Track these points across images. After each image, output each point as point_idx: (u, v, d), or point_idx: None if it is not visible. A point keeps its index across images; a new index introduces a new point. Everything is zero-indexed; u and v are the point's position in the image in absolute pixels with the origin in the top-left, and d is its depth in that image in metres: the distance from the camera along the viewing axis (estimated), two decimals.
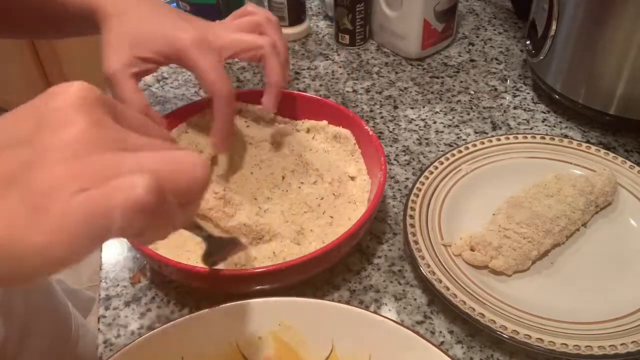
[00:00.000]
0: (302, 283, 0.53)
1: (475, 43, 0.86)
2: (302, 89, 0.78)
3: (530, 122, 0.72)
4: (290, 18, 0.85)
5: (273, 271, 0.48)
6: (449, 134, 0.71)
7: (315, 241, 0.54)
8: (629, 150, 0.68)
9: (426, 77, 0.80)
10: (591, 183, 0.58)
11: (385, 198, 0.62)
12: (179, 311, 0.53)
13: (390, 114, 0.74)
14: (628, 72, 0.64)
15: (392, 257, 0.57)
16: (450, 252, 0.55)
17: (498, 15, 0.92)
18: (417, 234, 0.54)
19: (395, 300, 0.53)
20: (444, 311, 0.52)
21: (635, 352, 0.46)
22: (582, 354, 0.46)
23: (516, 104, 0.75)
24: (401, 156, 0.68)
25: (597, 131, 0.70)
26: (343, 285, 0.54)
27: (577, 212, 0.56)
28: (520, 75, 0.80)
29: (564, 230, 0.55)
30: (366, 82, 0.79)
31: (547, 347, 0.46)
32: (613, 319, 0.49)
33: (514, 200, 0.57)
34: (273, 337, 0.44)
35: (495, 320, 0.48)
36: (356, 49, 0.85)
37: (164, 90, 0.79)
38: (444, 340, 0.50)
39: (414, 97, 0.76)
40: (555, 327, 0.48)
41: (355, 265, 0.56)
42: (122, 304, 0.53)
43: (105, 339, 0.51)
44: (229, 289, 0.51)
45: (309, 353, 0.43)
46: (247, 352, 0.43)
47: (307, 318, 0.43)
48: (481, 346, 0.49)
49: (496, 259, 0.53)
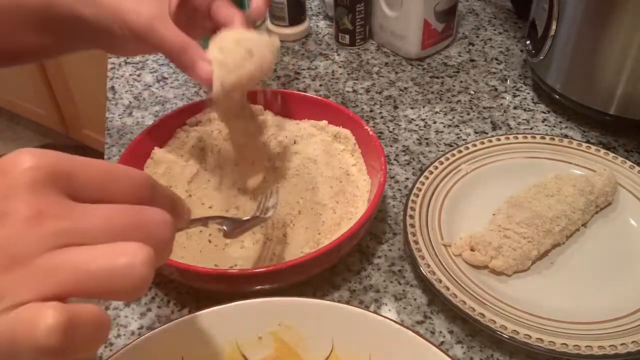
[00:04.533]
0: (302, 283, 0.53)
1: (475, 43, 0.86)
2: (302, 89, 0.78)
3: (530, 122, 0.72)
4: (290, 18, 0.85)
5: (273, 271, 0.48)
6: (449, 134, 0.71)
7: (314, 241, 0.54)
8: (629, 150, 0.68)
9: (426, 77, 0.80)
10: (591, 183, 0.58)
11: (385, 198, 0.62)
12: (179, 311, 0.53)
13: (390, 114, 0.74)
14: (628, 72, 0.64)
15: (392, 257, 0.57)
16: (450, 252, 0.55)
17: (498, 15, 0.92)
18: (417, 234, 0.55)
19: (395, 300, 0.53)
20: (444, 311, 0.52)
21: (635, 352, 0.46)
22: (582, 354, 0.46)
23: (516, 104, 0.75)
24: (401, 156, 0.68)
25: (597, 131, 0.70)
26: (343, 285, 0.54)
27: (577, 212, 0.56)
28: (520, 75, 0.80)
29: (564, 230, 0.55)
30: (366, 82, 0.79)
31: (547, 347, 0.46)
32: (613, 319, 0.49)
33: (514, 200, 0.57)
34: (273, 337, 0.44)
35: (495, 320, 0.48)
36: (356, 49, 0.85)
37: (164, 90, 0.79)
38: (444, 340, 0.50)
39: (414, 97, 0.76)
40: (555, 327, 0.48)
41: (355, 265, 0.56)
42: (122, 304, 0.53)
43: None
44: (229, 289, 0.51)
45: (309, 353, 0.43)
46: (247, 352, 0.43)
47: (307, 318, 0.43)
48: (481, 346, 0.49)
49: (496, 259, 0.53)
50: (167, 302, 0.53)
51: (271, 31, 0.86)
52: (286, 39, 0.87)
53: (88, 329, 0.26)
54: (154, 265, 0.27)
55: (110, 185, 0.29)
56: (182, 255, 0.53)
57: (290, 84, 0.79)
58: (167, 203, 0.32)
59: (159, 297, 0.54)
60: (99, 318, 0.26)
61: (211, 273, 0.49)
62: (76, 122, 1.99)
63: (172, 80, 0.80)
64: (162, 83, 0.80)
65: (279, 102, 0.66)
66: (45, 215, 0.26)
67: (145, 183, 0.30)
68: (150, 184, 0.30)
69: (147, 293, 0.54)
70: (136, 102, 0.77)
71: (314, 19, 0.92)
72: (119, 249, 0.27)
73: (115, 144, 0.70)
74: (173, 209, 0.32)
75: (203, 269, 0.49)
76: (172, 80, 0.80)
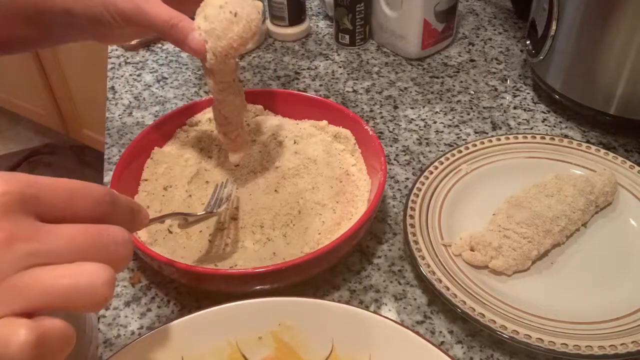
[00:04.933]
0: (302, 283, 0.53)
1: (475, 43, 0.86)
2: (302, 89, 0.78)
3: (530, 122, 0.72)
4: (290, 18, 0.85)
5: (273, 271, 0.48)
6: (449, 134, 0.71)
7: (314, 241, 0.54)
8: (629, 150, 0.68)
9: (426, 77, 0.80)
10: (591, 183, 0.58)
11: (385, 198, 0.62)
12: (179, 311, 0.53)
13: (390, 114, 0.74)
14: (628, 72, 0.64)
15: (392, 257, 0.57)
16: (450, 252, 0.55)
17: (498, 15, 0.92)
18: (417, 234, 0.55)
19: (395, 300, 0.53)
20: (444, 311, 0.52)
21: (635, 352, 0.46)
22: (582, 354, 0.46)
23: (516, 104, 0.75)
24: (401, 156, 0.68)
25: (597, 131, 0.70)
26: (343, 285, 0.54)
27: (577, 212, 0.56)
28: (520, 75, 0.80)
29: (564, 230, 0.55)
30: (366, 82, 0.79)
31: (547, 347, 0.46)
32: (613, 319, 0.49)
33: (514, 200, 0.57)
34: (273, 337, 0.44)
35: (495, 320, 0.48)
36: (356, 49, 0.85)
37: (164, 90, 0.79)
38: (444, 340, 0.50)
39: (414, 97, 0.76)
40: (555, 327, 0.48)
41: (355, 265, 0.56)
42: (122, 304, 0.53)
43: (105, 339, 0.51)
44: (229, 289, 0.51)
45: (309, 353, 0.43)
46: (247, 352, 0.43)
47: (307, 318, 0.43)
48: (481, 346, 0.49)
49: (496, 259, 0.53)
50: (167, 302, 0.53)
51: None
52: (286, 39, 0.87)
53: (56, 342, 0.28)
54: (114, 284, 0.30)
55: (74, 203, 0.31)
56: (182, 255, 0.53)
57: (290, 84, 0.79)
58: (127, 213, 0.35)
59: (159, 297, 0.54)
60: (65, 332, 0.29)
61: (211, 273, 0.49)
62: (76, 122, 1.99)
63: (172, 80, 0.80)
64: (162, 83, 0.80)
65: (279, 102, 0.66)
66: (15, 238, 0.28)
67: (105, 198, 0.32)
68: (110, 199, 0.33)
69: (147, 293, 0.54)
70: (136, 102, 0.77)
71: (314, 19, 0.92)
72: (83, 270, 0.29)
73: (115, 144, 0.70)
74: (132, 218, 0.36)
75: (203, 269, 0.49)
76: (172, 80, 0.80)
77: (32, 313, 0.28)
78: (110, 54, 0.86)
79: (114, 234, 0.32)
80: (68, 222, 0.31)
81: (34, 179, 0.30)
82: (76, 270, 0.29)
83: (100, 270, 0.30)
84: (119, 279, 0.55)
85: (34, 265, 0.29)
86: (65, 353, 0.29)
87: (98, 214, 0.32)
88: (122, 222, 0.34)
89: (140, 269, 0.56)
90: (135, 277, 0.55)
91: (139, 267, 0.56)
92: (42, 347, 0.28)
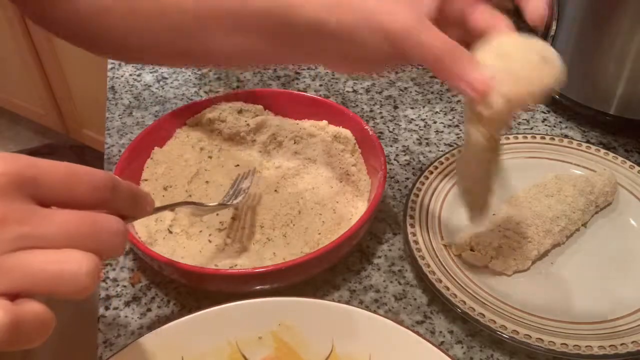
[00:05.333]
0: (302, 283, 0.53)
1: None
2: (302, 89, 0.78)
3: (530, 122, 0.72)
4: None
5: (273, 271, 0.48)
6: (449, 134, 0.71)
7: (314, 241, 0.54)
8: (629, 150, 0.68)
9: (426, 77, 0.80)
10: (591, 183, 0.58)
11: (385, 198, 0.62)
12: (179, 311, 0.53)
13: (390, 114, 0.74)
14: (628, 72, 0.64)
15: (392, 257, 0.57)
16: (450, 252, 0.55)
17: None
18: (417, 234, 0.55)
19: (395, 300, 0.53)
20: (444, 311, 0.52)
21: (635, 352, 0.46)
22: (582, 354, 0.46)
23: None
24: (401, 156, 0.68)
25: (597, 131, 0.70)
26: (343, 285, 0.54)
27: (577, 212, 0.56)
28: None
29: (564, 230, 0.55)
30: (366, 82, 0.79)
31: (547, 347, 0.46)
32: (613, 319, 0.49)
33: (514, 200, 0.57)
34: (273, 337, 0.44)
35: (495, 320, 0.48)
36: None
37: (164, 90, 0.79)
38: (444, 340, 0.50)
39: (414, 97, 0.76)
40: (555, 327, 0.48)
41: (355, 265, 0.56)
42: (122, 304, 0.53)
43: (105, 339, 0.51)
44: (229, 289, 0.51)
45: (309, 353, 0.43)
46: (247, 352, 0.43)
47: (307, 318, 0.43)
48: (481, 346, 0.49)
49: (496, 259, 0.53)
50: (167, 302, 0.53)
51: None
52: None
53: (32, 326, 0.29)
54: (97, 275, 0.30)
55: (74, 188, 0.31)
56: (182, 255, 0.53)
57: (290, 84, 0.79)
58: (128, 199, 0.34)
59: (159, 297, 0.54)
60: (43, 317, 0.29)
61: (211, 273, 0.49)
62: (76, 122, 1.99)
63: (172, 80, 0.80)
64: (162, 83, 0.80)
65: (279, 102, 0.66)
66: (8, 220, 0.29)
67: (106, 184, 0.32)
68: (111, 185, 0.33)
69: (147, 293, 0.54)
70: (136, 102, 0.77)
71: None
72: (69, 257, 0.30)
73: (115, 144, 0.70)
74: (134, 205, 0.35)
75: (203, 269, 0.49)
76: (172, 80, 0.80)
77: (18, 294, 0.29)
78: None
79: (108, 224, 0.32)
80: (67, 205, 0.31)
81: (34, 161, 0.30)
82: (62, 257, 0.30)
83: (85, 260, 0.30)
84: (119, 279, 0.55)
85: (24, 248, 0.29)
86: (42, 337, 0.30)
87: (98, 199, 0.32)
88: (123, 208, 0.34)
89: (140, 269, 0.56)
90: (135, 277, 0.55)
91: (139, 267, 0.56)
92: (17, 329, 0.28)
